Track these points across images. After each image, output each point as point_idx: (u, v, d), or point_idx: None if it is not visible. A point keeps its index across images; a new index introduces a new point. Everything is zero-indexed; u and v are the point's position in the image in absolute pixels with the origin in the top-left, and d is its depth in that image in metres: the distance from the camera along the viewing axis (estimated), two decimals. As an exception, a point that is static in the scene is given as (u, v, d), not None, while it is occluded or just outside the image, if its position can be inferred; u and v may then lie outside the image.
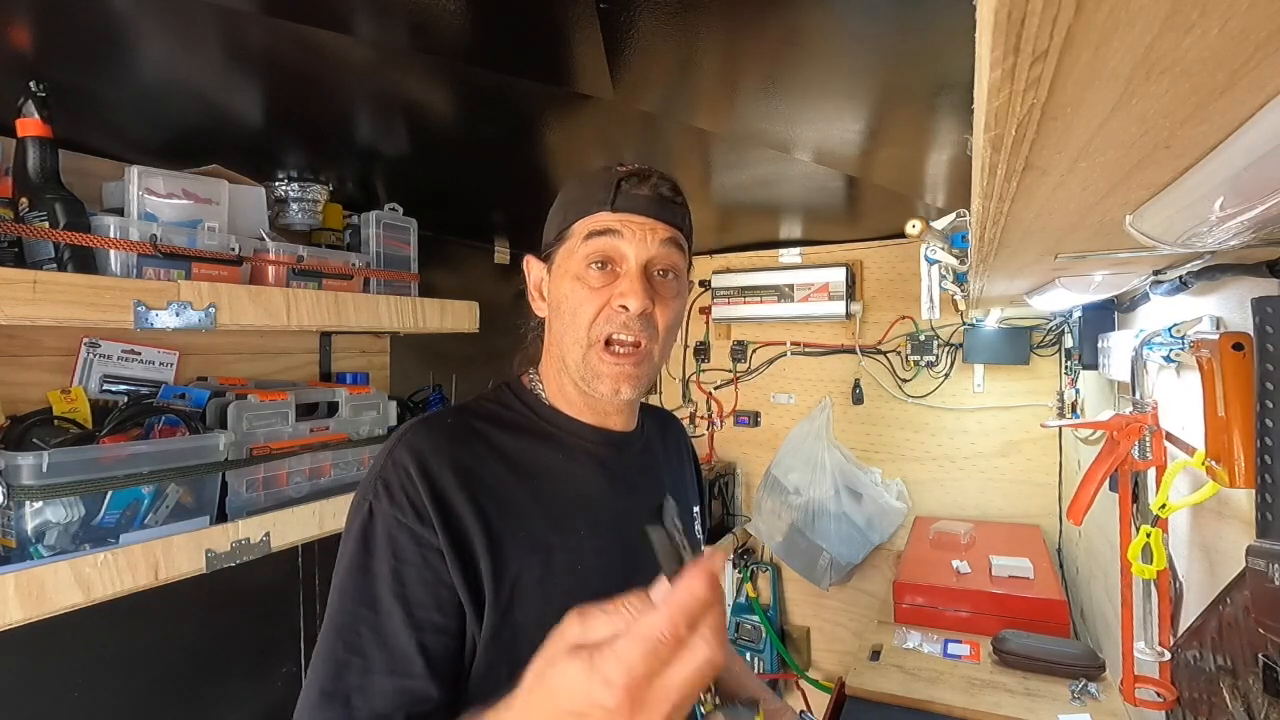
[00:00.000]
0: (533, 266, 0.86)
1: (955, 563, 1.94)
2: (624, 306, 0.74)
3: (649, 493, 0.85)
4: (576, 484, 0.79)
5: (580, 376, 0.77)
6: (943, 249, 1.19)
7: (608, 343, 0.75)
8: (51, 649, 1.16)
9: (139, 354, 1.30)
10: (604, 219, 0.76)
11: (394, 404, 1.57)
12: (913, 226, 1.06)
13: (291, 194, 1.44)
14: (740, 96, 1.05)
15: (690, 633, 0.42)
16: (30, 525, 0.97)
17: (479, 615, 0.68)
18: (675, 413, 2.89)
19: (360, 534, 0.68)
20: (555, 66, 0.92)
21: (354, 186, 1.58)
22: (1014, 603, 1.74)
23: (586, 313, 0.75)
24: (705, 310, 2.72)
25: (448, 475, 0.70)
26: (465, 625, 0.68)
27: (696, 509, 0.98)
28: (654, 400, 2.87)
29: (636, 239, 0.75)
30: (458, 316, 1.67)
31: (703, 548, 0.96)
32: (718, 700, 0.53)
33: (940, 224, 1.24)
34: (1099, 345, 1.59)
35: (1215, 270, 0.82)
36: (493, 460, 0.74)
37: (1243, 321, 0.80)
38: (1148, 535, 1.01)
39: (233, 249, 1.23)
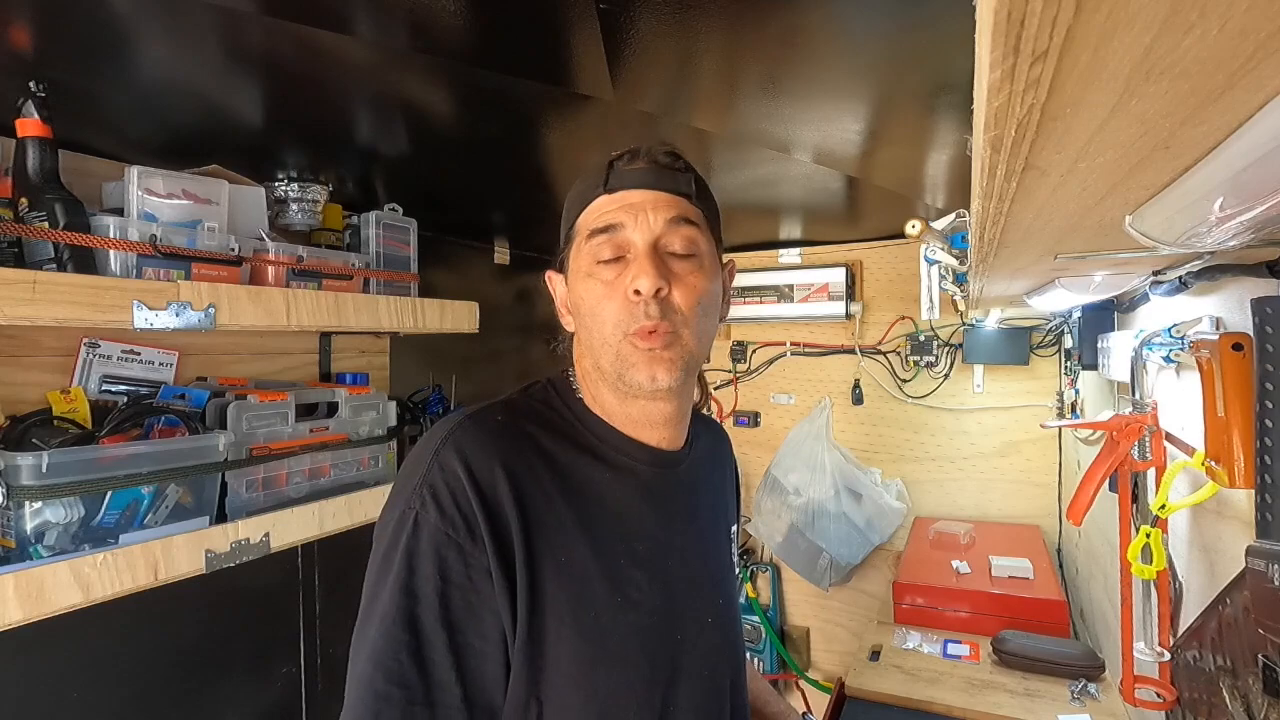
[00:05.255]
0: (555, 283, 0.80)
1: (955, 563, 1.94)
2: (636, 291, 0.69)
3: (691, 520, 0.80)
4: (620, 509, 0.72)
5: (617, 375, 0.71)
6: (942, 249, 1.19)
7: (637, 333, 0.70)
8: (51, 649, 1.16)
9: (139, 354, 1.30)
10: (600, 206, 0.72)
11: (394, 404, 1.57)
12: (913, 227, 1.06)
13: (291, 194, 1.44)
14: (740, 97, 1.05)
15: None
16: (30, 525, 0.97)
17: (515, 639, 0.64)
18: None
19: (405, 550, 0.62)
20: (555, 67, 0.92)
21: (354, 186, 1.58)
22: (1014, 603, 1.74)
23: (608, 309, 0.70)
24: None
25: (500, 484, 0.64)
26: (506, 651, 0.64)
27: (734, 529, 0.92)
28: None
29: (639, 224, 0.70)
30: (458, 317, 1.67)
31: (737, 569, 0.90)
32: None
33: (940, 224, 1.25)
34: (1099, 345, 1.59)
35: (1215, 270, 0.82)
36: (541, 470, 0.69)
37: (1242, 322, 0.80)
38: (1147, 535, 1.01)
39: (232, 249, 1.23)
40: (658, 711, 0.69)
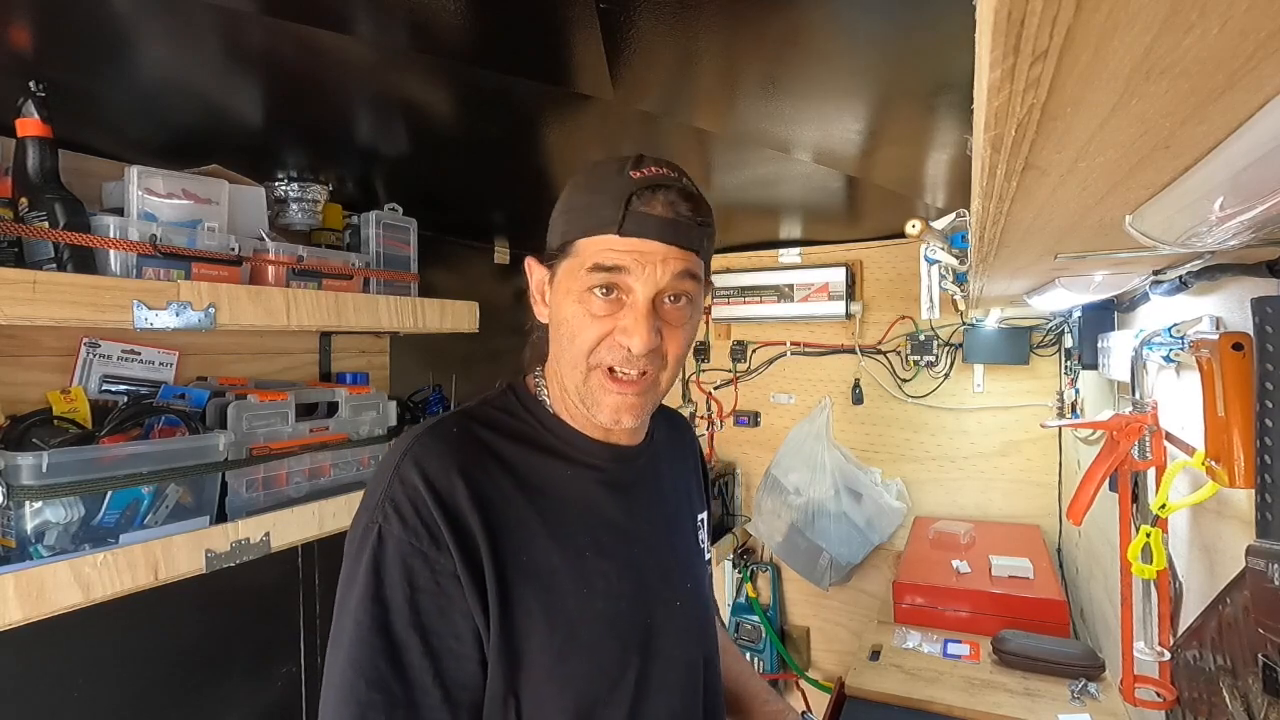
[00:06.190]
0: (534, 269, 0.79)
1: (955, 563, 1.94)
2: (628, 346, 0.69)
3: (655, 508, 0.83)
4: (581, 502, 0.75)
5: (580, 400, 0.73)
6: (943, 249, 1.19)
7: (610, 370, 0.70)
8: (51, 649, 1.16)
9: (139, 354, 1.30)
10: (610, 244, 0.68)
11: (394, 404, 1.57)
12: (913, 226, 1.06)
13: (291, 194, 1.44)
14: (740, 96, 1.05)
15: None
16: (30, 525, 0.97)
17: (489, 638, 0.66)
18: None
19: (371, 561, 0.64)
20: (555, 66, 0.92)
21: (354, 186, 1.58)
22: (1014, 603, 1.74)
23: (586, 339, 0.70)
24: (705, 310, 2.72)
25: (459, 491, 0.66)
26: (482, 651, 0.66)
27: (702, 516, 0.94)
28: (654, 400, 2.87)
29: (645, 274, 0.67)
30: (458, 316, 1.67)
31: (708, 554, 0.93)
32: None
33: (940, 224, 1.25)
34: (1099, 345, 1.59)
35: (1215, 270, 0.82)
36: (499, 474, 0.71)
37: (1243, 321, 0.80)
38: (1147, 535, 1.01)
39: (233, 249, 1.23)
40: (631, 693, 0.72)
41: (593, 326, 0.70)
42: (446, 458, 0.68)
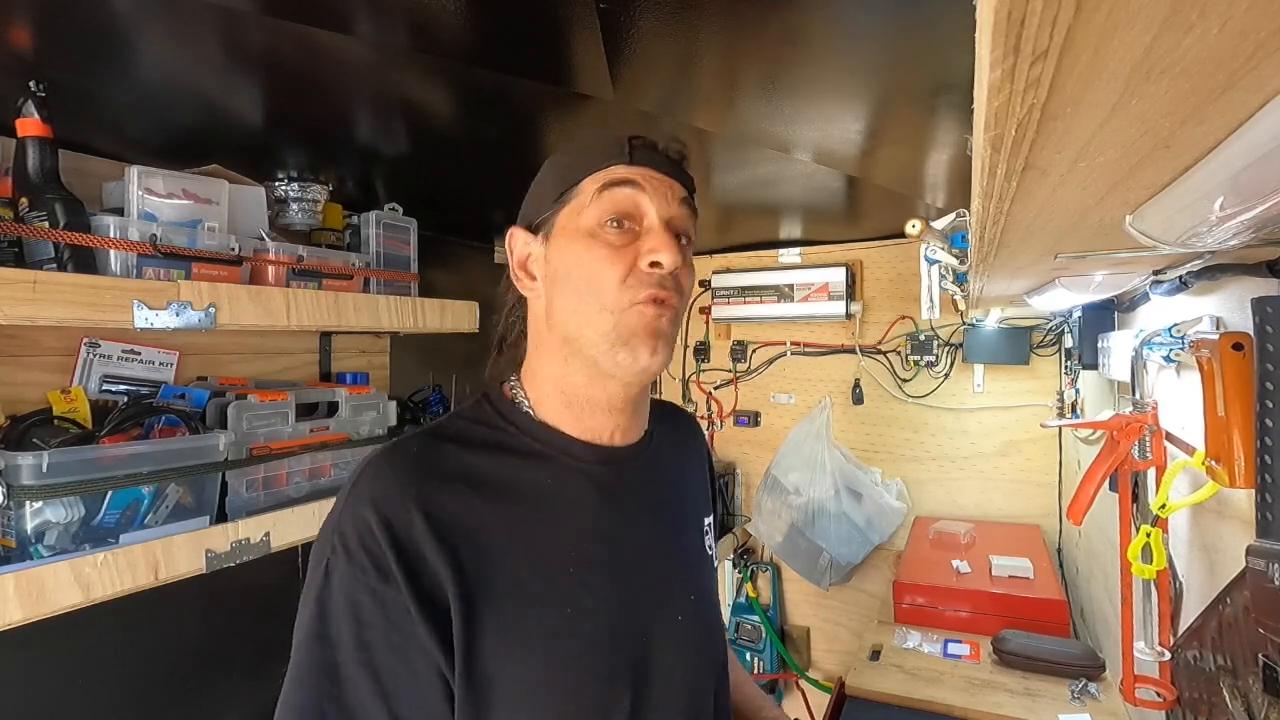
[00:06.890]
0: (517, 239, 0.75)
1: (955, 563, 1.94)
2: (656, 264, 0.65)
3: (653, 513, 0.76)
4: (565, 513, 0.68)
5: (608, 346, 0.67)
6: (943, 249, 1.19)
7: (652, 299, 0.67)
8: (51, 649, 1.16)
9: (139, 354, 1.30)
10: (621, 171, 0.68)
11: (394, 404, 1.58)
12: (913, 226, 1.06)
13: (291, 194, 1.45)
14: (740, 96, 1.05)
15: None
16: (30, 525, 0.97)
17: (455, 673, 0.60)
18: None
19: (316, 599, 0.60)
20: (555, 66, 0.92)
21: (354, 186, 1.58)
22: (1014, 603, 1.74)
23: (613, 275, 0.65)
24: (705, 310, 2.72)
25: (414, 518, 0.61)
26: (447, 685, 0.60)
27: (709, 519, 0.87)
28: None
29: (658, 194, 0.68)
30: (458, 316, 1.67)
31: (715, 561, 0.86)
32: None
33: (940, 224, 1.25)
34: (1099, 345, 1.59)
35: (1215, 270, 0.82)
36: (466, 493, 0.65)
37: (1243, 321, 0.80)
38: (1148, 535, 1.01)
39: (233, 249, 1.23)
40: (627, 716, 0.65)
41: (617, 259, 0.66)
42: (403, 483, 0.63)
